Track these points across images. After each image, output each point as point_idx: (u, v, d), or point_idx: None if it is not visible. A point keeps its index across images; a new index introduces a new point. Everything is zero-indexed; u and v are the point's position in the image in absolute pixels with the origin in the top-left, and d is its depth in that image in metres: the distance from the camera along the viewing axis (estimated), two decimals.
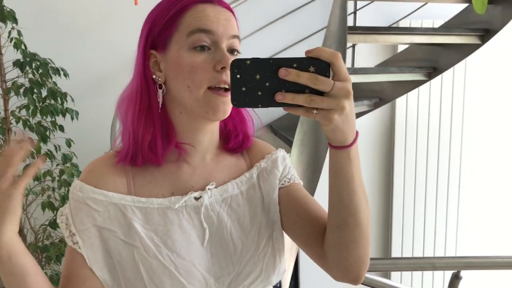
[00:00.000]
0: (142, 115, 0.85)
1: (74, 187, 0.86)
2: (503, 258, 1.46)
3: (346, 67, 0.67)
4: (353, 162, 0.74)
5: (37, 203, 2.52)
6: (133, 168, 0.88)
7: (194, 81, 0.81)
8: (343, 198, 0.77)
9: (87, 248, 0.83)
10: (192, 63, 0.81)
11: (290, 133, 2.56)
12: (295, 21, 2.99)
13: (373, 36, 2.29)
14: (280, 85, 0.65)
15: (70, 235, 0.84)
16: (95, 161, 0.90)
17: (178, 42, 0.83)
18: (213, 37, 0.82)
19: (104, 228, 0.83)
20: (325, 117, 0.66)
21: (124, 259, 0.83)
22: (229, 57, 0.81)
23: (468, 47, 2.42)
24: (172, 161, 0.89)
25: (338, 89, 0.65)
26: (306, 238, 0.90)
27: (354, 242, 0.79)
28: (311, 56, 0.65)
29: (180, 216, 0.86)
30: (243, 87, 0.66)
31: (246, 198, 0.93)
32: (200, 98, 0.81)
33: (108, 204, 0.84)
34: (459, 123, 3.24)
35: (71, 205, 0.85)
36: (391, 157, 3.27)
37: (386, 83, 2.70)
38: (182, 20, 0.83)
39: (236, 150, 0.97)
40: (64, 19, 2.89)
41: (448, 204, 3.30)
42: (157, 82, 0.86)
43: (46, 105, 2.45)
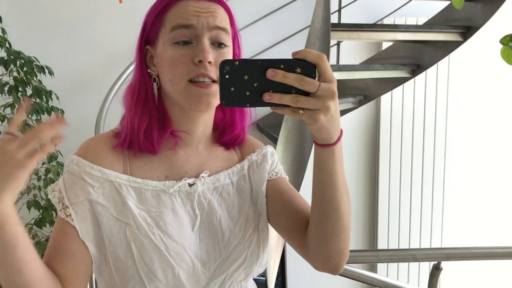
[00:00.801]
0: (138, 107, 0.89)
1: (71, 161, 0.88)
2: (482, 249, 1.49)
3: (331, 69, 0.69)
4: (337, 159, 0.77)
5: (23, 202, 2.51)
6: (129, 151, 0.91)
7: (174, 75, 0.85)
8: (326, 192, 0.80)
9: (80, 221, 0.84)
10: (172, 57, 0.84)
11: (275, 130, 2.57)
12: (278, 19, 3.00)
13: (357, 33, 2.31)
14: (268, 85, 0.68)
15: (63, 207, 0.86)
16: (93, 138, 0.92)
17: (163, 37, 0.87)
18: (194, 31, 0.84)
19: (98, 203, 0.85)
20: (311, 117, 0.68)
21: (114, 236, 0.85)
22: (207, 50, 0.83)
23: (451, 44, 2.45)
24: (168, 147, 0.92)
25: (323, 90, 0.67)
26: (290, 229, 0.94)
27: (335, 234, 0.83)
28: (297, 57, 0.68)
29: (173, 200, 0.89)
30: (231, 87, 0.68)
31: (236, 188, 0.97)
32: (182, 91, 0.85)
33: (104, 181, 0.86)
34: (443, 119, 3.28)
35: (66, 178, 0.87)
36: (376, 153, 3.30)
37: (371, 80, 2.72)
38: (167, 17, 0.87)
39: (230, 144, 1.00)
40: (49, 17, 2.87)
41: (433, 198, 3.34)
42: (152, 75, 0.90)
43: (31, 103, 2.44)
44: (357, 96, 2.75)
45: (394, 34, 2.42)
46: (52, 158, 2.46)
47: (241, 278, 0.94)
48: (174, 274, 0.85)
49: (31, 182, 2.52)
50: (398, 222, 3.33)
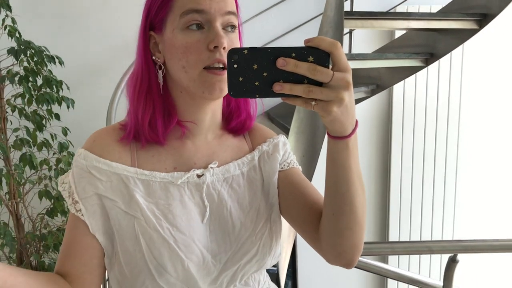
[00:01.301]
0: (141, 96, 0.87)
1: (78, 155, 0.87)
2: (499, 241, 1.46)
3: (345, 57, 0.66)
4: (351, 152, 0.74)
5: (34, 192, 2.52)
6: (137, 143, 0.89)
7: (188, 62, 0.82)
8: (339, 187, 0.77)
9: (90, 216, 0.84)
10: (185, 44, 0.82)
11: (287, 120, 2.55)
12: (290, 7, 2.97)
13: (370, 21, 2.27)
14: (278, 75, 0.65)
15: (73, 202, 0.86)
16: (100, 131, 0.91)
17: (172, 23, 0.84)
18: (206, 16, 0.82)
19: (106, 197, 0.84)
20: (324, 109, 0.65)
21: (123, 229, 0.84)
22: (222, 35, 0.81)
23: (466, 32, 2.40)
24: (176, 138, 0.90)
25: (337, 80, 0.64)
26: (302, 221, 0.92)
27: (349, 229, 0.81)
28: (310, 45, 0.64)
29: (182, 192, 0.88)
30: (240, 77, 0.65)
31: (247, 179, 0.95)
32: (195, 78, 0.83)
33: (111, 174, 0.85)
34: (456, 108, 3.23)
35: (74, 173, 0.87)
36: (389, 143, 3.27)
37: (383, 69, 2.69)
38: (176, 1, 0.83)
39: (238, 131, 0.98)
40: (59, 6, 2.86)
41: (445, 189, 3.31)
42: (157, 63, 0.88)
43: (41, 93, 2.44)
44: (369, 85, 2.72)
45: (407, 22, 2.37)
46: (63, 148, 2.46)
47: (254, 270, 0.92)
48: (183, 267, 0.83)
49: (42, 172, 2.53)
50: (410, 214, 3.30)
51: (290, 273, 2.80)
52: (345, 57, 0.65)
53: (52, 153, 2.53)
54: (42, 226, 2.58)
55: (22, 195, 2.53)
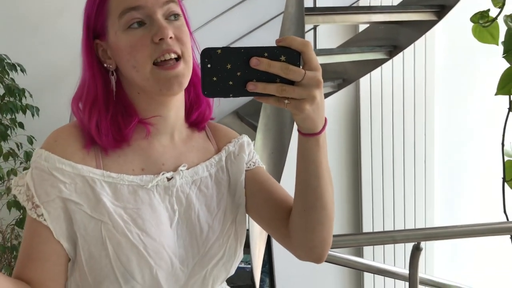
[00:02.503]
0: (86, 106, 0.85)
1: (38, 156, 0.82)
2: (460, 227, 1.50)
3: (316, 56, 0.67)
4: (321, 148, 0.76)
5: (3, 203, 2.47)
6: None
7: (137, 60, 0.81)
8: (310, 182, 0.79)
9: (53, 220, 0.80)
10: (129, 43, 0.81)
11: (256, 118, 2.55)
12: (254, 6, 2.96)
13: (331, 16, 2.30)
14: (252, 74, 0.66)
15: (33, 207, 0.81)
16: (61, 130, 0.87)
17: (113, 26, 0.83)
18: (144, 11, 0.81)
19: (70, 200, 0.80)
20: (297, 107, 0.67)
21: (89, 234, 0.80)
22: (165, 26, 0.80)
23: (426, 24, 2.44)
24: (142, 138, 0.89)
25: (309, 78, 0.65)
26: (271, 219, 0.93)
27: (320, 224, 0.82)
28: (281, 45, 0.66)
29: (151, 196, 0.86)
30: (214, 77, 0.66)
31: (215, 180, 0.94)
32: (148, 77, 0.81)
33: (76, 176, 0.81)
34: (422, 99, 3.29)
35: (34, 175, 0.82)
36: (358, 136, 3.31)
37: (349, 64, 2.72)
38: (110, 4, 0.83)
39: (200, 123, 0.98)
40: (18, 12, 2.80)
41: (415, 178, 3.37)
42: (110, 69, 0.86)
43: (5, 102, 2.39)
44: (335, 80, 2.74)
45: (369, 16, 2.41)
46: (29, 157, 2.42)
47: (222, 275, 0.92)
48: (152, 274, 0.81)
49: (10, 182, 2.48)
50: (382, 205, 3.35)
51: (267, 269, 2.81)
52: (316, 57, 0.67)
53: (19, 162, 2.49)
54: (12, 237, 2.54)
55: None
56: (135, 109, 0.87)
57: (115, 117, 0.85)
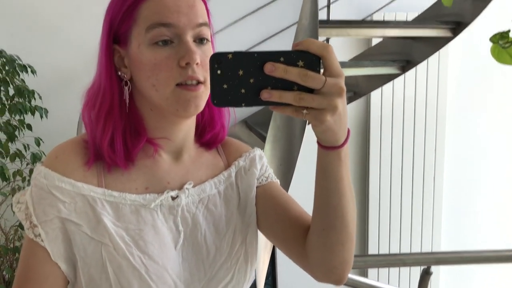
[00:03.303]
0: (101, 116, 0.79)
1: (38, 173, 0.78)
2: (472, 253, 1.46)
3: (338, 61, 0.61)
4: (343, 162, 0.70)
5: (7, 204, 2.46)
6: (103, 160, 0.81)
7: (159, 80, 0.76)
8: (331, 200, 0.73)
9: (51, 241, 0.76)
10: (154, 61, 0.76)
11: (265, 128, 2.54)
12: (267, 15, 2.96)
13: (345, 29, 2.28)
14: (266, 81, 0.60)
15: (31, 226, 0.77)
16: (62, 146, 0.82)
17: (137, 38, 0.77)
18: (174, 30, 0.75)
19: (69, 221, 0.76)
20: (316, 118, 0.61)
21: (89, 256, 0.76)
22: (194, 51, 0.75)
23: (440, 40, 2.43)
24: (148, 156, 0.83)
25: (330, 86, 0.59)
26: (286, 237, 0.86)
27: (340, 244, 0.76)
28: (299, 49, 0.60)
29: (154, 216, 0.81)
30: (224, 84, 0.60)
31: (224, 198, 0.89)
32: (168, 96, 0.76)
33: (76, 195, 0.77)
34: (433, 116, 3.26)
35: (33, 193, 0.77)
36: (367, 151, 3.28)
37: (361, 77, 2.70)
38: (139, 13, 0.77)
39: (212, 144, 0.93)
40: (30, 14, 2.81)
41: (423, 199, 3.32)
42: (123, 78, 0.81)
43: (14, 103, 2.39)
44: (347, 93, 2.72)
45: (383, 30, 2.39)
46: (36, 159, 2.41)
47: None
48: None
49: (15, 183, 2.48)
50: (389, 225, 3.31)
51: (270, 281, 2.78)
52: (338, 61, 0.61)
53: (25, 163, 2.48)
54: (15, 238, 2.53)
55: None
56: (144, 126, 0.83)
57: (125, 133, 0.81)
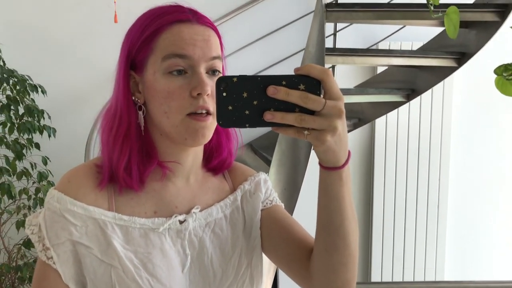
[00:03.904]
0: (118, 139, 0.82)
1: (51, 197, 0.80)
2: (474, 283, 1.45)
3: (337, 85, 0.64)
4: (345, 183, 0.71)
5: (12, 222, 2.47)
6: (114, 185, 0.84)
7: (170, 108, 0.79)
8: (333, 220, 0.74)
9: (63, 264, 0.78)
10: (167, 89, 0.78)
11: (270, 152, 2.56)
12: (274, 42, 3.01)
13: (351, 57, 2.32)
14: (269, 103, 0.63)
15: (43, 249, 0.79)
16: (75, 170, 0.84)
17: (153, 66, 0.80)
18: (189, 61, 0.79)
19: (80, 244, 0.78)
20: (317, 138, 0.63)
21: (98, 278, 0.78)
22: (206, 82, 0.78)
23: (445, 70, 2.46)
24: (156, 180, 0.86)
25: (329, 108, 0.62)
26: (290, 260, 0.87)
27: (343, 265, 0.77)
28: (300, 73, 0.63)
29: (163, 239, 0.83)
30: (229, 106, 0.63)
31: (230, 222, 0.90)
32: (178, 124, 0.79)
33: (87, 219, 0.79)
34: (438, 144, 3.27)
35: (46, 216, 0.80)
36: (371, 178, 3.28)
37: (366, 104, 2.73)
38: (157, 43, 0.80)
39: (219, 169, 0.95)
40: (43, 35, 2.88)
41: (427, 226, 3.31)
42: (137, 103, 0.84)
43: (23, 122, 2.42)
44: (351, 119, 2.75)
45: (388, 59, 2.42)
46: (43, 178, 2.43)
47: None
48: None
49: (20, 201, 2.49)
50: (392, 250, 3.28)
51: None
52: (337, 85, 0.64)
53: (32, 182, 2.50)
54: (18, 257, 2.53)
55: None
56: (156, 150, 0.85)
57: (139, 156, 0.84)
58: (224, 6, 2.87)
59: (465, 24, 2.32)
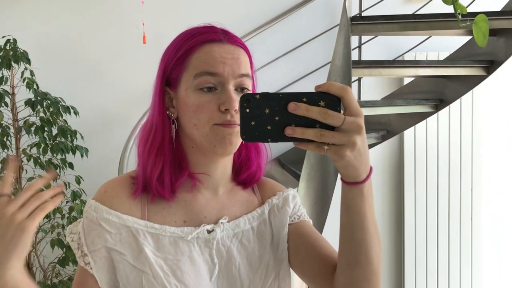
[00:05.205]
0: (153, 151, 0.87)
1: (89, 207, 0.86)
2: None
3: (356, 101, 0.66)
4: (366, 198, 0.73)
5: (46, 241, 2.53)
6: (147, 195, 0.89)
7: (199, 120, 0.83)
8: (354, 235, 0.76)
9: (98, 269, 0.83)
10: (197, 103, 0.83)
11: (297, 166, 2.56)
12: (299, 56, 3.03)
13: (378, 69, 2.31)
14: (290, 119, 0.65)
15: (82, 255, 0.84)
16: (111, 181, 0.90)
17: (185, 82, 0.85)
18: (219, 78, 0.83)
19: (115, 250, 0.83)
20: (337, 153, 0.65)
21: (131, 284, 0.82)
22: (234, 99, 0.82)
23: (474, 79, 2.42)
24: (187, 190, 0.90)
25: (349, 123, 0.64)
26: (315, 275, 0.89)
27: (365, 280, 0.79)
28: (321, 90, 0.65)
29: (191, 248, 0.86)
30: (252, 121, 0.66)
31: (257, 234, 0.93)
32: (207, 133, 0.83)
33: (121, 227, 0.84)
34: (468, 154, 3.20)
35: (84, 224, 0.85)
36: (401, 190, 3.23)
37: (393, 116, 2.71)
38: (190, 61, 0.85)
39: (248, 183, 0.98)
40: (75, 58, 2.96)
41: (461, 236, 3.23)
42: (171, 117, 0.89)
43: (56, 143, 2.49)
44: (379, 131, 2.73)
45: (416, 70, 2.41)
46: (76, 196, 2.48)
47: None
48: None
49: (55, 220, 2.55)
50: (425, 262, 3.22)
51: None
52: (356, 102, 0.66)
53: (65, 201, 2.55)
54: (53, 275, 2.57)
55: (35, 244, 2.53)
56: (187, 162, 0.89)
57: (171, 167, 0.88)
58: (249, 23, 2.91)
59: (493, 32, 2.29)
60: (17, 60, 2.44)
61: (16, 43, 2.48)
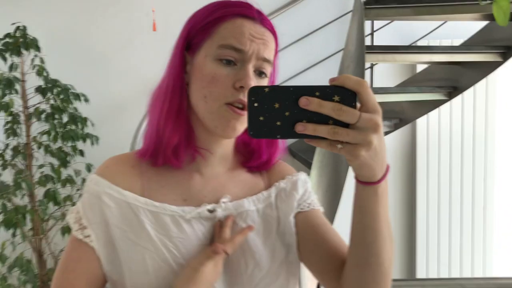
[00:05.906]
0: (171, 116, 0.83)
1: (90, 181, 0.84)
2: None
3: (374, 97, 0.61)
4: (380, 199, 0.69)
5: (57, 228, 2.53)
6: (148, 170, 0.86)
7: (211, 93, 0.80)
8: (366, 236, 0.72)
9: (98, 242, 0.80)
10: (213, 74, 0.80)
11: (309, 155, 2.53)
12: (311, 43, 3.00)
13: (392, 55, 2.27)
14: (301, 115, 0.61)
15: (80, 228, 0.81)
16: (114, 157, 0.88)
17: (207, 49, 0.82)
18: (241, 55, 0.80)
19: (115, 226, 0.81)
20: (351, 152, 0.60)
21: (133, 261, 0.80)
22: (251, 77, 0.79)
23: (489, 65, 2.38)
24: (186, 167, 0.87)
25: (365, 121, 0.59)
26: (322, 268, 0.85)
27: (374, 282, 0.75)
28: (335, 84, 0.60)
29: (194, 227, 0.84)
30: (260, 116, 0.62)
31: (262, 216, 0.89)
32: (213, 111, 0.80)
33: (122, 202, 0.82)
34: (481, 142, 3.17)
35: (84, 198, 0.83)
36: (414, 179, 3.21)
37: (406, 104, 2.67)
38: (218, 30, 0.81)
39: (255, 169, 0.94)
40: (85, 45, 2.95)
41: (473, 224, 3.21)
42: None
43: (67, 130, 2.48)
44: (392, 120, 2.70)
45: (430, 56, 2.37)
46: None
47: None
48: None
49: (65, 208, 2.54)
50: (437, 248, 3.20)
51: None
52: (374, 97, 0.61)
53: (76, 189, 2.55)
54: None
55: (45, 231, 2.54)
56: (194, 133, 0.86)
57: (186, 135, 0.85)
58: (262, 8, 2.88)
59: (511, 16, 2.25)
60: (27, 47, 2.43)
61: (25, 30, 2.47)
